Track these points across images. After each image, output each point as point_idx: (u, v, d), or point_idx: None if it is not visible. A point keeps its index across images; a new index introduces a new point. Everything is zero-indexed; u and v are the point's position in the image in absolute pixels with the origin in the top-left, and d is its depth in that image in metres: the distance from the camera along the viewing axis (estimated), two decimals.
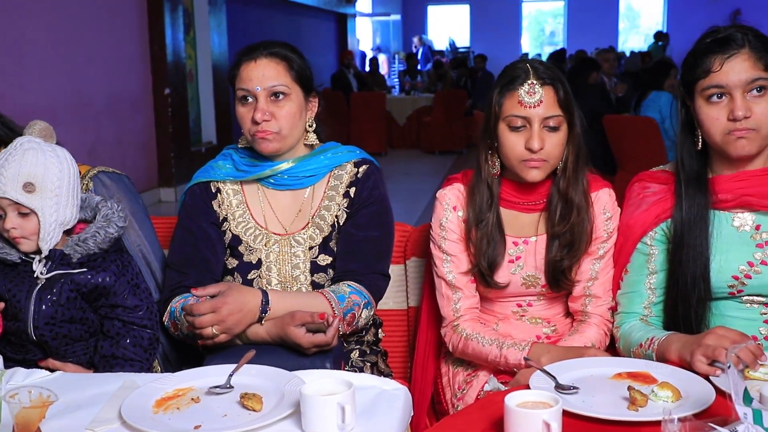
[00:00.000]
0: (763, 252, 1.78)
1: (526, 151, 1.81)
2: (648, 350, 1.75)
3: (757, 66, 1.69)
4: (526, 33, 20.51)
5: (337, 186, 2.00)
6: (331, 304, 1.83)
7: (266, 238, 1.97)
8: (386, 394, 1.52)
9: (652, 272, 1.89)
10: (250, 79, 1.88)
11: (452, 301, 1.96)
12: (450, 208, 1.96)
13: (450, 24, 20.02)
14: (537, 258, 1.95)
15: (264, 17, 11.64)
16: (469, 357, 1.93)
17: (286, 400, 1.44)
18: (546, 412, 1.28)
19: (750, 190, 1.78)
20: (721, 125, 1.72)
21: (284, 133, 1.90)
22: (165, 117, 7.77)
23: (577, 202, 1.89)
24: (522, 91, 1.80)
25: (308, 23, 13.94)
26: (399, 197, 8.53)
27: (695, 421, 1.24)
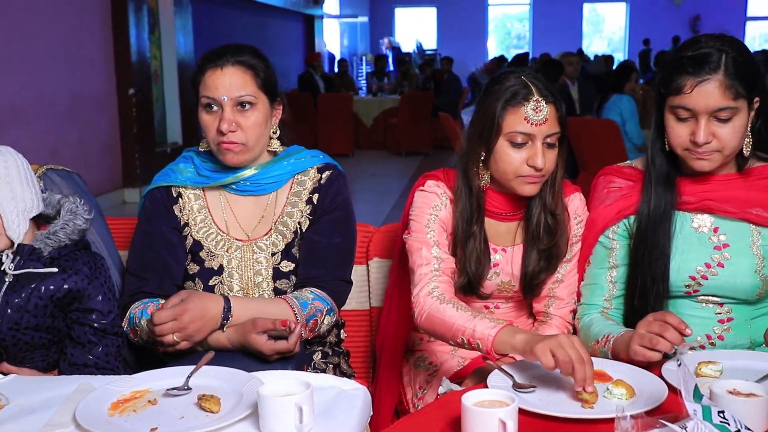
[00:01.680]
0: (721, 254, 1.81)
1: (528, 167, 1.80)
2: (604, 347, 1.78)
3: (727, 95, 1.69)
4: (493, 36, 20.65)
5: (300, 192, 1.98)
6: (293, 311, 1.82)
7: (228, 243, 1.95)
8: (345, 394, 1.52)
9: (613, 266, 1.92)
10: (216, 87, 1.84)
11: (432, 264, 1.84)
12: (447, 201, 1.91)
13: (417, 26, 20.08)
14: (513, 267, 1.96)
15: (230, 18, 11.58)
16: (434, 324, 1.76)
17: (244, 402, 1.43)
18: (502, 410, 1.29)
19: (712, 195, 1.82)
20: (684, 143, 1.76)
21: (250, 144, 1.88)
22: (129, 117, 7.68)
23: (559, 215, 1.91)
24: (528, 108, 1.78)
25: (275, 24, 13.89)
26: (366, 198, 8.54)
27: (647, 417, 1.26)
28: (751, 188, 1.81)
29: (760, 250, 1.81)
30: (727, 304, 1.84)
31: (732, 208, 1.81)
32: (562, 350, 1.48)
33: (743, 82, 1.70)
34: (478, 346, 1.67)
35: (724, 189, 1.82)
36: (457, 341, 1.71)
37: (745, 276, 1.80)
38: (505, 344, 1.62)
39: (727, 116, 1.71)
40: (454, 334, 1.71)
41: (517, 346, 1.59)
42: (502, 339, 1.62)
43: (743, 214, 1.80)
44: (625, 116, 6.24)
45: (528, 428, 1.37)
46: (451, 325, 1.72)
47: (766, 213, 1.79)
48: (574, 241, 1.96)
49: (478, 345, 1.67)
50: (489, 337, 1.64)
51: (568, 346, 1.49)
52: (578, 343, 1.51)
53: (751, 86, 1.72)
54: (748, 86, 1.71)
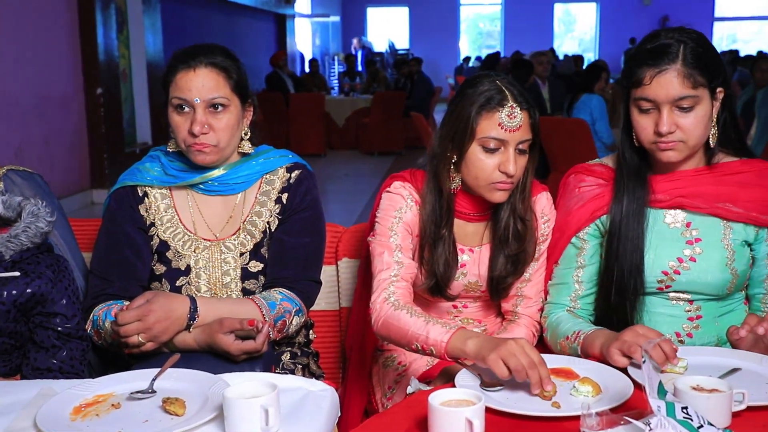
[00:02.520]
0: (692, 249, 1.84)
1: (499, 173, 1.79)
2: (573, 344, 1.79)
3: (686, 84, 1.71)
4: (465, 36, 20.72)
5: (268, 192, 1.97)
6: (261, 311, 1.80)
7: (195, 244, 1.93)
8: (312, 395, 1.51)
9: (581, 266, 1.93)
10: (189, 89, 1.82)
11: (392, 269, 1.84)
12: (413, 203, 1.90)
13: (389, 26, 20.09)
14: (480, 267, 1.95)
15: (200, 17, 11.49)
16: (390, 331, 1.75)
17: (209, 404, 1.42)
18: (469, 409, 1.29)
19: (683, 191, 1.84)
20: (649, 135, 1.77)
21: (222, 146, 1.86)
22: (97, 117, 7.59)
23: (528, 221, 1.91)
24: (503, 114, 1.77)
25: (246, 23, 13.82)
26: (338, 198, 8.53)
27: (612, 414, 1.27)
28: (720, 183, 1.84)
29: (730, 243, 1.83)
30: (697, 301, 1.87)
31: (702, 203, 1.83)
32: (513, 359, 1.49)
33: (702, 70, 1.72)
34: (432, 352, 1.67)
35: (695, 185, 1.84)
36: (412, 348, 1.71)
37: (716, 270, 1.82)
38: (457, 350, 1.62)
39: (689, 105, 1.73)
40: (409, 341, 1.71)
41: (469, 353, 1.59)
42: (454, 345, 1.63)
43: (713, 209, 1.83)
44: (595, 115, 6.29)
45: (495, 427, 1.37)
46: (406, 332, 1.71)
47: (735, 208, 1.82)
48: (540, 240, 1.96)
49: (432, 351, 1.67)
50: (441, 344, 1.64)
51: (519, 353, 1.49)
52: (528, 348, 1.51)
53: (711, 75, 1.74)
54: (708, 75, 1.73)
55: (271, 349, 1.84)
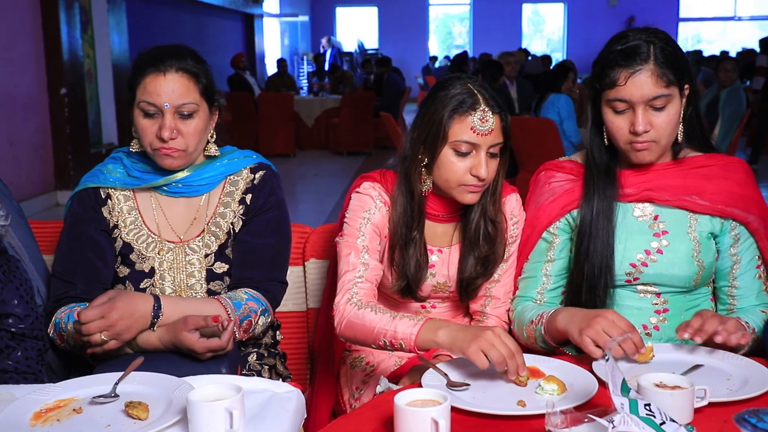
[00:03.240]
0: (659, 241, 1.86)
1: (470, 176, 1.79)
2: (538, 325, 1.81)
3: (659, 83, 1.74)
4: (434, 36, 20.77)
5: (232, 192, 1.95)
6: (227, 311, 1.78)
7: (159, 245, 1.91)
8: (278, 397, 1.50)
9: (550, 260, 1.95)
10: (158, 94, 1.79)
11: (357, 270, 1.83)
12: (382, 204, 1.89)
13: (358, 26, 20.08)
14: (450, 268, 1.96)
15: (167, 16, 11.38)
16: (354, 331, 1.75)
17: (173, 408, 1.40)
18: (434, 409, 1.29)
19: (651, 185, 1.87)
20: (624, 135, 1.80)
21: (190, 150, 1.85)
22: (61, 118, 7.48)
23: (499, 223, 1.92)
24: (475, 117, 1.76)
25: (214, 23, 13.71)
26: (308, 198, 8.50)
27: (576, 412, 1.28)
28: (687, 176, 1.87)
29: (696, 236, 1.86)
30: (664, 294, 1.89)
31: (670, 196, 1.86)
32: (493, 350, 1.51)
33: (673, 69, 1.76)
34: (401, 347, 1.67)
35: (662, 178, 1.87)
36: (380, 344, 1.71)
37: (683, 263, 1.85)
38: (429, 341, 1.63)
39: (662, 104, 1.76)
40: (376, 338, 1.71)
41: (442, 343, 1.60)
42: (425, 337, 1.63)
43: (680, 201, 1.86)
44: (563, 115, 6.34)
45: (461, 426, 1.37)
46: (372, 329, 1.71)
47: (701, 200, 1.85)
48: (510, 242, 1.97)
49: (401, 345, 1.67)
50: (411, 336, 1.64)
51: (498, 343, 1.51)
52: (505, 336, 1.54)
53: (681, 73, 1.78)
54: (678, 73, 1.77)
55: (237, 350, 1.83)
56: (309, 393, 2.16)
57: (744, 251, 1.88)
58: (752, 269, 1.89)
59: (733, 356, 1.67)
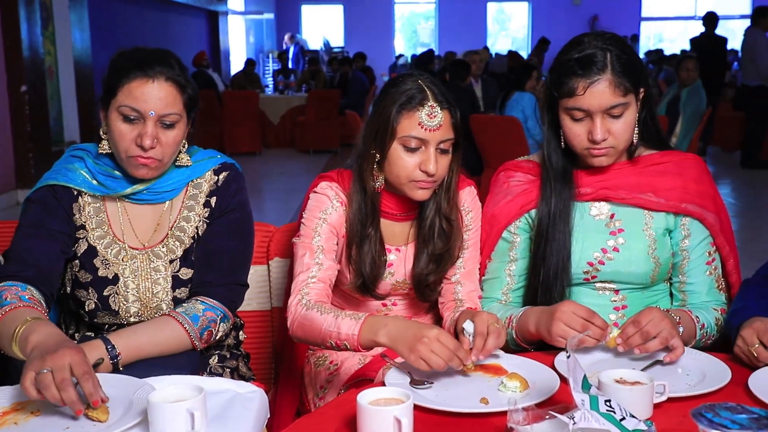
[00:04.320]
0: (616, 240, 1.89)
1: (420, 172, 1.79)
2: (508, 329, 1.81)
3: (617, 92, 1.76)
4: (400, 34, 20.78)
5: (196, 195, 1.92)
6: (184, 328, 1.75)
7: (124, 252, 1.87)
8: (240, 397, 1.49)
9: (513, 260, 1.96)
10: (145, 100, 1.74)
11: (311, 270, 1.83)
12: (339, 204, 1.89)
13: (324, 24, 20.02)
14: (407, 266, 1.96)
15: (130, 13, 11.23)
16: (305, 332, 1.75)
17: (134, 409, 1.38)
18: (397, 408, 1.29)
19: (607, 183, 1.89)
20: (581, 142, 1.82)
21: (166, 161, 1.81)
22: (22, 116, 7.35)
23: (453, 220, 1.92)
24: (423, 113, 1.77)
25: (177, 20, 13.57)
26: (274, 197, 8.47)
27: (537, 409, 1.29)
28: (641, 174, 1.90)
29: (652, 233, 1.89)
30: (623, 291, 1.91)
31: (626, 194, 1.88)
32: (433, 357, 1.52)
33: (629, 77, 1.77)
34: (347, 347, 1.67)
35: (618, 177, 1.90)
36: (327, 345, 1.71)
37: (639, 259, 1.87)
38: (370, 342, 1.64)
39: (620, 112, 1.78)
40: (323, 339, 1.71)
41: (383, 343, 1.61)
42: (366, 337, 1.64)
43: (636, 199, 1.88)
44: (527, 113, 6.40)
45: (424, 424, 1.38)
46: (319, 330, 1.71)
47: (656, 198, 1.88)
48: (471, 229, 1.97)
49: (346, 346, 1.67)
50: (353, 337, 1.65)
51: (437, 348, 1.52)
52: (443, 337, 1.54)
53: (637, 80, 1.80)
54: (635, 80, 1.79)
55: (197, 355, 1.81)
56: (273, 393, 2.15)
57: (694, 247, 1.91)
58: (702, 265, 1.92)
59: (692, 352, 1.69)
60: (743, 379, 1.51)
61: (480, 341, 1.62)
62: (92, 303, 1.85)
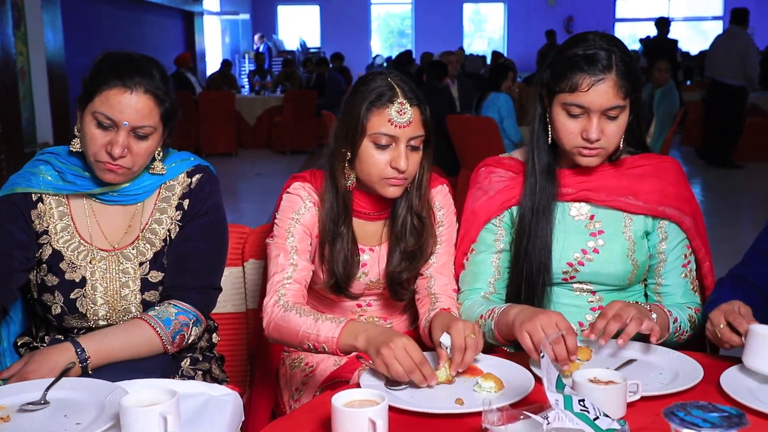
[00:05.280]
0: (595, 241, 1.89)
1: (391, 169, 1.79)
2: (488, 319, 1.79)
3: (618, 94, 1.76)
4: (376, 35, 20.78)
5: (169, 198, 1.90)
6: (156, 331, 1.74)
7: (91, 254, 1.84)
8: (214, 400, 1.48)
9: (499, 250, 1.96)
10: (120, 110, 1.72)
11: (286, 271, 1.83)
12: (311, 204, 1.89)
13: (300, 24, 19.95)
14: (380, 266, 1.96)
15: (104, 13, 11.11)
16: (281, 333, 1.74)
17: (106, 413, 1.37)
18: (371, 410, 1.29)
19: (589, 185, 1.90)
20: (574, 139, 1.81)
21: (136, 169, 1.79)
22: None
23: (425, 217, 1.92)
24: (392, 110, 1.77)
25: (153, 20, 13.44)
26: (251, 198, 8.43)
27: (511, 410, 1.29)
28: (622, 177, 1.91)
29: (631, 235, 1.90)
30: (600, 292, 1.92)
31: (606, 197, 1.89)
32: (394, 365, 1.52)
33: (630, 81, 1.78)
34: (325, 350, 1.67)
35: (600, 179, 1.90)
36: (305, 347, 1.70)
37: (618, 261, 1.88)
38: (349, 346, 1.63)
39: (616, 114, 1.78)
40: (301, 341, 1.70)
41: (361, 348, 1.61)
42: (345, 341, 1.63)
43: (615, 202, 1.89)
44: (503, 114, 6.42)
45: (399, 425, 1.38)
46: (297, 332, 1.70)
47: (635, 201, 1.89)
48: (444, 225, 1.97)
49: (324, 349, 1.66)
50: (333, 340, 1.64)
51: (401, 357, 1.52)
52: (410, 348, 1.53)
53: (635, 85, 1.80)
54: (634, 85, 1.79)
55: (168, 358, 1.79)
56: (248, 395, 2.13)
57: (670, 250, 1.92)
58: (678, 267, 1.93)
59: (666, 350, 1.71)
60: (715, 378, 1.53)
61: (458, 356, 1.59)
62: (59, 307, 1.83)
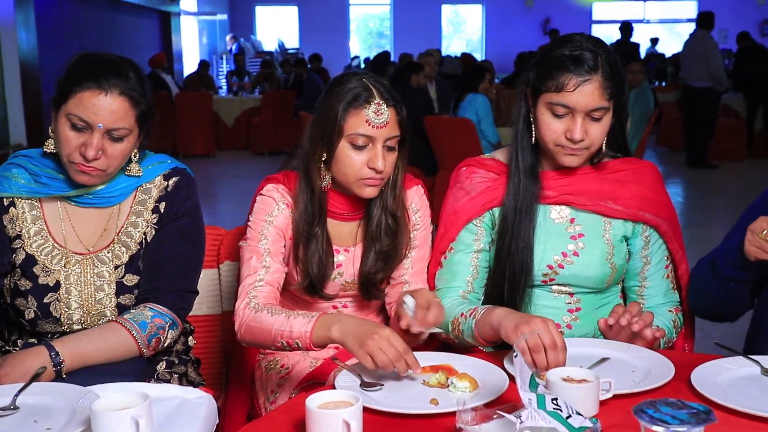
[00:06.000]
0: (575, 244, 1.91)
1: (368, 170, 1.80)
2: (469, 318, 1.79)
3: (604, 95, 1.77)
4: (355, 36, 20.77)
5: (145, 201, 1.88)
6: (132, 335, 1.73)
7: (66, 258, 1.82)
8: (188, 403, 1.47)
9: (479, 250, 1.96)
10: (95, 113, 1.70)
11: (258, 274, 1.83)
12: (284, 206, 1.89)
13: (279, 25, 19.90)
14: (355, 266, 1.96)
15: (78, 13, 11.00)
16: (253, 334, 1.74)
17: (77, 418, 1.36)
18: (345, 411, 1.29)
19: (570, 189, 1.90)
20: (557, 138, 1.82)
21: (110, 171, 1.77)
22: None
23: (400, 217, 1.92)
24: (370, 110, 1.78)
25: (129, 21, 13.34)
26: (228, 199, 8.40)
27: (485, 409, 1.29)
28: (603, 181, 1.92)
29: (610, 239, 1.91)
30: (577, 294, 1.94)
31: (587, 201, 1.90)
32: (380, 354, 1.52)
33: (615, 83, 1.79)
34: (298, 345, 1.66)
35: (581, 183, 1.91)
36: (278, 345, 1.70)
37: (597, 265, 1.90)
38: (323, 338, 1.63)
39: (600, 115, 1.79)
40: (274, 339, 1.70)
41: (336, 339, 1.60)
42: (319, 334, 1.63)
43: (596, 206, 1.90)
44: (481, 115, 6.45)
45: (373, 426, 1.37)
46: (269, 331, 1.70)
47: (615, 205, 1.90)
48: (419, 228, 1.98)
49: (298, 344, 1.66)
50: (306, 334, 1.64)
51: (386, 346, 1.52)
52: (394, 339, 1.53)
53: (620, 88, 1.81)
54: (618, 87, 1.80)
55: (144, 362, 1.78)
56: (224, 397, 2.12)
57: (654, 252, 1.94)
58: (661, 269, 1.96)
59: (638, 349, 1.72)
60: (686, 375, 1.55)
61: (421, 312, 1.61)
62: (32, 312, 1.81)
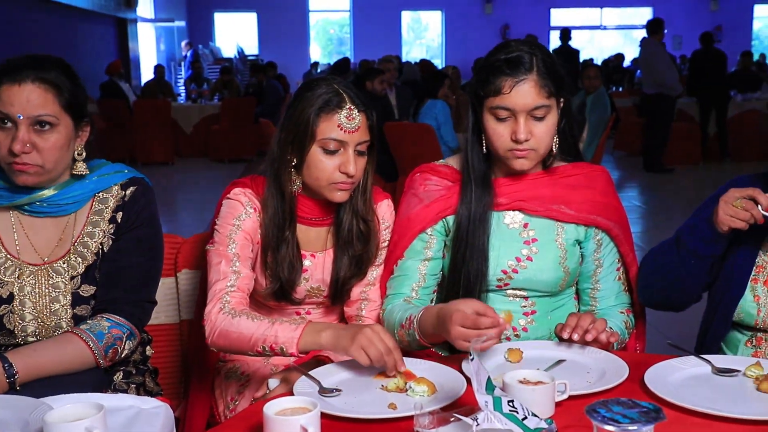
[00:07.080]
0: (529, 249, 1.92)
1: (340, 174, 1.81)
2: (410, 330, 1.81)
3: (542, 93, 1.80)
4: (315, 42, 20.76)
5: (101, 210, 1.86)
6: (88, 345, 1.71)
7: (19, 269, 1.79)
8: (145, 413, 1.46)
9: (428, 258, 1.97)
10: (11, 104, 1.68)
11: (228, 279, 1.81)
12: (252, 210, 1.88)
13: (238, 31, 19.80)
14: (324, 272, 1.96)
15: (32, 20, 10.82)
16: (229, 340, 1.72)
17: (29, 430, 1.33)
18: (303, 417, 1.29)
19: (523, 195, 1.93)
20: (504, 142, 1.84)
21: (48, 167, 1.74)
22: None
23: (370, 221, 1.94)
24: (342, 115, 1.79)
25: (84, 27, 13.17)
26: (188, 207, 8.32)
27: (443, 413, 1.30)
28: (555, 186, 1.94)
29: (563, 243, 1.94)
30: (532, 297, 1.96)
31: (539, 206, 1.93)
32: (372, 347, 1.56)
33: (553, 81, 1.82)
34: (282, 351, 1.67)
35: (533, 188, 1.93)
36: (257, 350, 1.70)
37: (550, 269, 1.92)
38: (312, 344, 1.65)
39: (542, 114, 1.82)
40: (253, 345, 1.70)
41: (326, 344, 1.63)
42: (308, 339, 1.65)
43: (548, 211, 1.93)
44: (440, 120, 6.48)
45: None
46: (249, 336, 1.70)
47: (568, 210, 1.93)
48: (383, 246, 2.00)
49: (282, 350, 1.67)
50: (293, 340, 1.65)
51: (377, 340, 1.57)
52: (383, 334, 1.59)
53: (560, 86, 1.85)
54: (557, 85, 1.84)
55: (100, 372, 1.76)
56: (183, 406, 2.10)
57: (606, 255, 1.98)
58: (613, 272, 1.99)
59: (594, 350, 1.74)
60: (640, 375, 1.57)
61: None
62: None
